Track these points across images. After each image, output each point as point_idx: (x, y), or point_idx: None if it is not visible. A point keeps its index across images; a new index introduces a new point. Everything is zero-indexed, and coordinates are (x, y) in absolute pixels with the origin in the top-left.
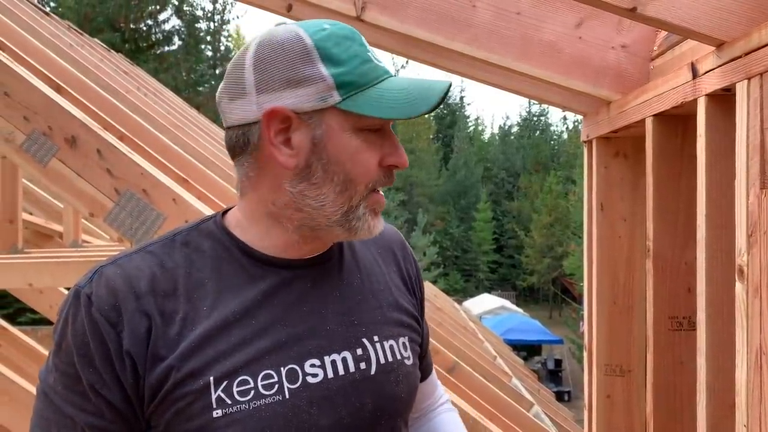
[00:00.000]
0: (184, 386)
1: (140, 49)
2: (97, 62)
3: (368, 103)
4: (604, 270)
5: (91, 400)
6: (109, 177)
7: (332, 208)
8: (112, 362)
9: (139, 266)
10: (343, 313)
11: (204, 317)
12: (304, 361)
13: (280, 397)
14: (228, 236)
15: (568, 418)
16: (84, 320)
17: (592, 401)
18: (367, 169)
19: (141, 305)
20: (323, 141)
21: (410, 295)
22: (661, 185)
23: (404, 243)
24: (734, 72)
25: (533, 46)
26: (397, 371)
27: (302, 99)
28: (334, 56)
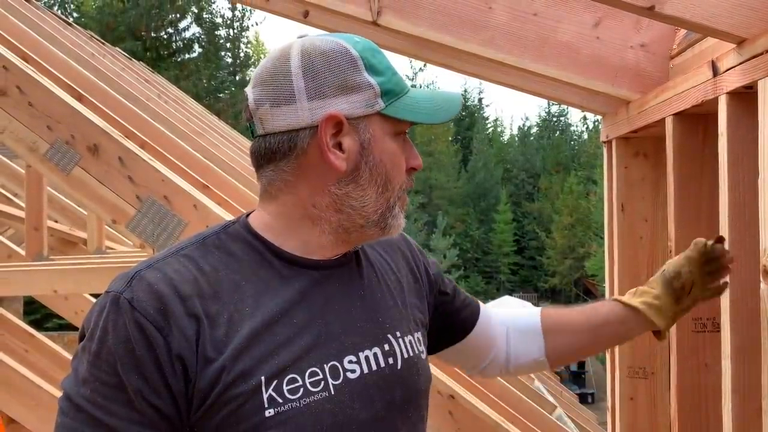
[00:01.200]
0: (235, 387)
1: (161, 57)
2: (118, 71)
3: (406, 109)
4: (625, 271)
5: (137, 408)
6: (130, 184)
7: (372, 208)
8: (161, 367)
9: (179, 269)
10: (368, 310)
11: (248, 318)
12: (342, 358)
13: (326, 393)
14: (257, 239)
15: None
16: (127, 326)
17: (615, 404)
18: (401, 171)
19: (188, 308)
20: (370, 145)
21: (420, 287)
22: (683, 185)
23: (406, 238)
24: (756, 69)
25: (550, 46)
26: (417, 365)
27: (354, 105)
28: (374, 66)
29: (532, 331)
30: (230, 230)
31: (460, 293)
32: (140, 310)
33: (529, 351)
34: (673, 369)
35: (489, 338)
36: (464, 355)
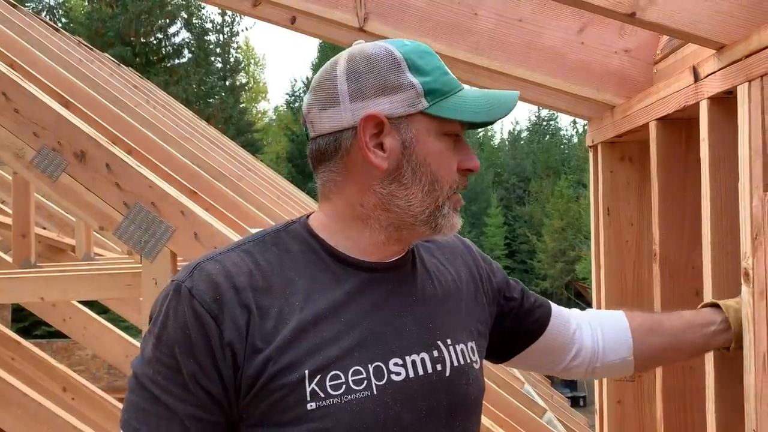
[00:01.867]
0: (280, 378)
1: (150, 62)
2: (106, 77)
3: (452, 108)
4: (612, 274)
5: (191, 390)
6: (117, 190)
7: (420, 207)
8: (213, 353)
9: (237, 262)
10: (420, 316)
11: (297, 312)
12: (388, 360)
13: (368, 393)
14: (314, 238)
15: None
16: (186, 313)
17: (603, 407)
18: (449, 171)
19: (241, 299)
20: (412, 144)
21: (482, 296)
22: (666, 189)
23: (469, 245)
24: (735, 75)
25: (536, 52)
26: (467, 374)
27: (395, 105)
28: (420, 67)
29: (621, 329)
30: (290, 228)
31: (529, 296)
32: (198, 298)
33: (619, 350)
34: (658, 372)
35: (567, 337)
36: (540, 355)
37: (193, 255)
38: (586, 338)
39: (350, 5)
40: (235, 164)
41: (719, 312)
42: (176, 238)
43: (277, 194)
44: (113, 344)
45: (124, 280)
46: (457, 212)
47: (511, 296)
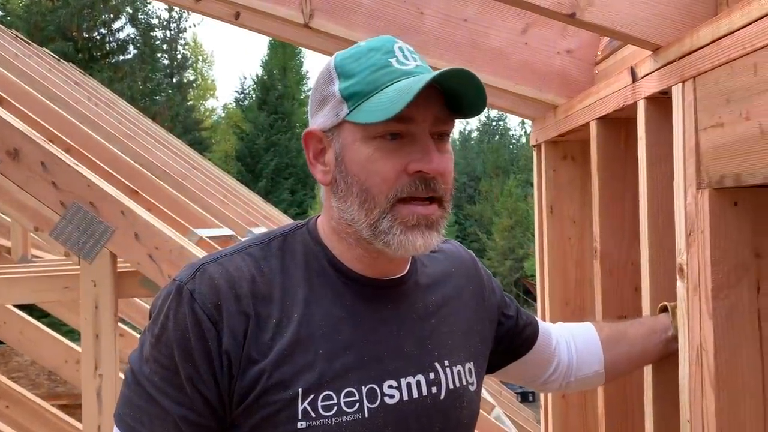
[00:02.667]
0: (273, 393)
1: (94, 58)
2: (45, 72)
3: (365, 111)
4: (555, 271)
5: (187, 393)
6: (54, 190)
7: (359, 222)
8: (211, 359)
9: (240, 267)
10: (418, 336)
11: (294, 325)
12: (383, 382)
13: (360, 416)
14: (319, 246)
15: (529, 418)
16: (186, 315)
17: (548, 402)
18: (381, 179)
19: (241, 307)
20: (341, 154)
21: (485, 315)
22: (606, 187)
23: (474, 259)
24: (670, 75)
25: (481, 52)
26: (462, 397)
27: (326, 118)
28: (350, 71)
29: (592, 342)
30: (297, 233)
31: (522, 313)
32: (199, 302)
33: (591, 362)
34: None
35: (549, 353)
36: (524, 370)
37: (133, 256)
38: (563, 353)
39: (296, 1)
40: (180, 163)
41: (668, 316)
42: (116, 239)
43: (224, 193)
44: (52, 349)
45: (61, 283)
46: (414, 228)
47: (509, 314)
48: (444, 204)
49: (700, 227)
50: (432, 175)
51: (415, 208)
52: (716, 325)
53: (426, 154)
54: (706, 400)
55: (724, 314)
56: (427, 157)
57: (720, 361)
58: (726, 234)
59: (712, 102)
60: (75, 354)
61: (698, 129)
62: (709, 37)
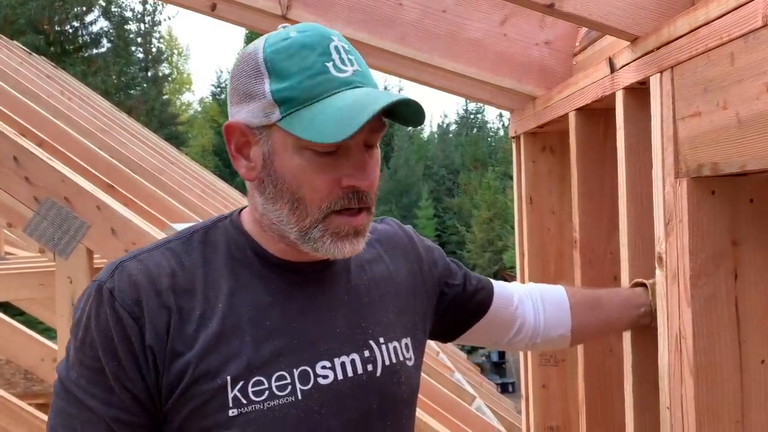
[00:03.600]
0: (200, 384)
1: (66, 51)
2: (16, 66)
3: (302, 122)
4: (535, 262)
5: (115, 393)
6: (27, 185)
7: (288, 225)
8: (136, 356)
9: (160, 262)
10: (351, 315)
11: (219, 315)
12: (315, 363)
13: (292, 398)
14: (243, 236)
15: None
16: (107, 314)
17: (528, 392)
18: (314, 190)
19: (162, 301)
20: (270, 157)
21: (422, 289)
22: (586, 177)
23: (411, 235)
24: (648, 66)
25: (459, 43)
26: (399, 372)
27: (252, 114)
28: (282, 70)
29: (561, 306)
30: (219, 225)
31: (471, 279)
32: (119, 300)
33: (557, 326)
34: (580, 355)
35: (509, 314)
36: (483, 333)
37: (110, 251)
38: (528, 314)
39: None
40: (156, 157)
41: (647, 293)
42: (92, 235)
43: (201, 188)
44: (27, 348)
45: (36, 280)
46: (343, 237)
47: (453, 283)
48: (371, 209)
49: (679, 216)
50: (366, 190)
51: (347, 219)
52: (695, 312)
53: (360, 170)
54: (685, 386)
55: (703, 302)
56: (362, 174)
57: (698, 348)
58: (704, 222)
59: (690, 92)
60: (51, 352)
61: (676, 119)
62: (686, 27)
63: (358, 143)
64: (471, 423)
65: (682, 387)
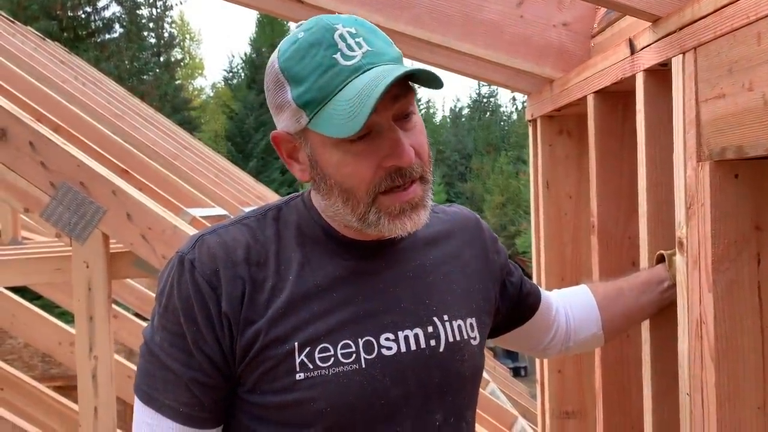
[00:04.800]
0: (270, 349)
1: (79, 37)
2: (30, 51)
3: (324, 120)
4: (551, 247)
5: (194, 356)
6: (43, 170)
7: (347, 216)
8: (213, 322)
9: (236, 237)
10: (415, 292)
11: (290, 287)
12: (380, 335)
13: (357, 366)
14: (313, 214)
15: (524, 393)
16: (188, 283)
17: (544, 377)
18: (359, 179)
19: (237, 272)
20: (314, 158)
21: (488, 273)
22: (604, 161)
23: (478, 221)
24: (669, 47)
25: (475, 25)
26: (463, 350)
27: (287, 123)
28: (297, 75)
29: (588, 306)
30: (292, 203)
31: (525, 281)
32: (199, 270)
33: (589, 326)
34: None
35: (549, 320)
36: (526, 338)
37: (125, 236)
38: (561, 320)
39: None
40: (170, 142)
41: (665, 267)
42: (108, 219)
43: (215, 173)
44: (45, 331)
45: (53, 264)
46: (399, 214)
47: (512, 280)
48: (425, 178)
49: (700, 200)
50: (407, 167)
51: (397, 197)
52: (716, 298)
53: (396, 147)
54: (706, 372)
55: (724, 287)
56: (398, 150)
57: (720, 334)
58: (726, 206)
59: (714, 73)
60: (69, 336)
61: (699, 101)
62: (710, 6)
63: (387, 121)
64: (485, 407)
65: (703, 373)
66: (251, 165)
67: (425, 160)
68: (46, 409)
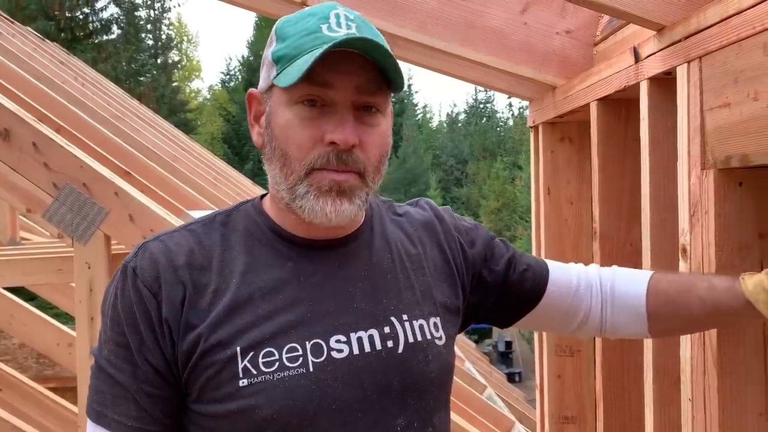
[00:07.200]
0: (212, 355)
1: (77, 38)
2: (30, 52)
3: (283, 74)
4: (551, 253)
5: (139, 366)
6: (46, 171)
7: (281, 185)
8: (154, 329)
9: (179, 242)
10: (371, 291)
11: (233, 290)
12: (329, 337)
13: (303, 369)
14: (262, 216)
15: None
16: (131, 291)
17: (543, 382)
18: (299, 145)
19: (177, 277)
20: (269, 118)
21: (452, 269)
22: (606, 168)
23: (442, 216)
24: (674, 56)
25: (479, 31)
26: (426, 351)
27: (262, 80)
28: (284, 34)
29: (634, 311)
30: (242, 208)
31: (517, 266)
32: (141, 276)
33: (630, 327)
34: (597, 346)
35: (569, 304)
36: (540, 322)
37: (128, 238)
38: (595, 309)
39: None
40: (169, 144)
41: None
42: (110, 221)
43: (214, 175)
44: (42, 332)
45: (54, 265)
46: (326, 194)
47: (494, 268)
48: (364, 176)
49: (704, 208)
50: (344, 147)
51: (329, 173)
52: None
53: (340, 125)
54: (709, 378)
55: None
56: (340, 128)
57: (723, 341)
58: (730, 214)
59: (719, 82)
60: (67, 337)
61: (703, 109)
62: (716, 16)
63: (344, 101)
64: (482, 412)
65: (706, 379)
66: (247, 168)
67: (370, 161)
68: (44, 410)
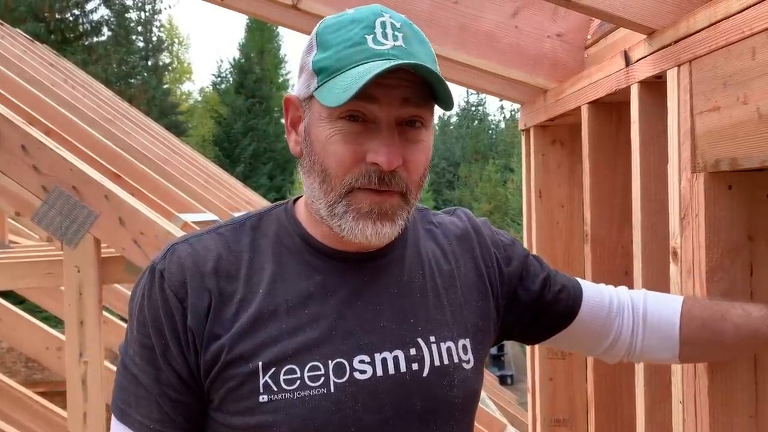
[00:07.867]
0: (233, 368)
1: (67, 40)
2: (19, 54)
3: (326, 89)
4: (543, 256)
5: (162, 370)
6: (35, 174)
7: (319, 201)
8: (179, 336)
9: (208, 246)
10: (399, 310)
11: (258, 301)
12: (353, 357)
13: (324, 390)
14: (293, 223)
15: (512, 401)
16: (158, 294)
17: (535, 385)
18: (339, 162)
19: (204, 284)
20: (309, 129)
21: (486, 288)
22: (597, 171)
23: (479, 229)
24: (665, 59)
25: (471, 35)
26: (452, 375)
27: (300, 86)
28: (327, 42)
29: (667, 336)
30: (273, 212)
31: (553, 285)
32: (168, 280)
33: (661, 352)
34: None
35: (600, 326)
36: (570, 342)
37: (117, 241)
38: (625, 331)
39: None
40: (160, 147)
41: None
42: (100, 224)
43: (205, 178)
44: (31, 336)
45: (43, 269)
46: (366, 217)
47: (530, 287)
48: (407, 197)
49: (695, 210)
50: (387, 168)
51: (370, 195)
52: None
53: (384, 146)
54: (699, 380)
55: (718, 296)
56: (384, 149)
57: None
58: (720, 217)
59: (708, 86)
60: (56, 341)
61: (693, 113)
62: (705, 21)
63: (388, 119)
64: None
65: (696, 381)
66: (238, 170)
67: (413, 179)
68: (33, 415)
